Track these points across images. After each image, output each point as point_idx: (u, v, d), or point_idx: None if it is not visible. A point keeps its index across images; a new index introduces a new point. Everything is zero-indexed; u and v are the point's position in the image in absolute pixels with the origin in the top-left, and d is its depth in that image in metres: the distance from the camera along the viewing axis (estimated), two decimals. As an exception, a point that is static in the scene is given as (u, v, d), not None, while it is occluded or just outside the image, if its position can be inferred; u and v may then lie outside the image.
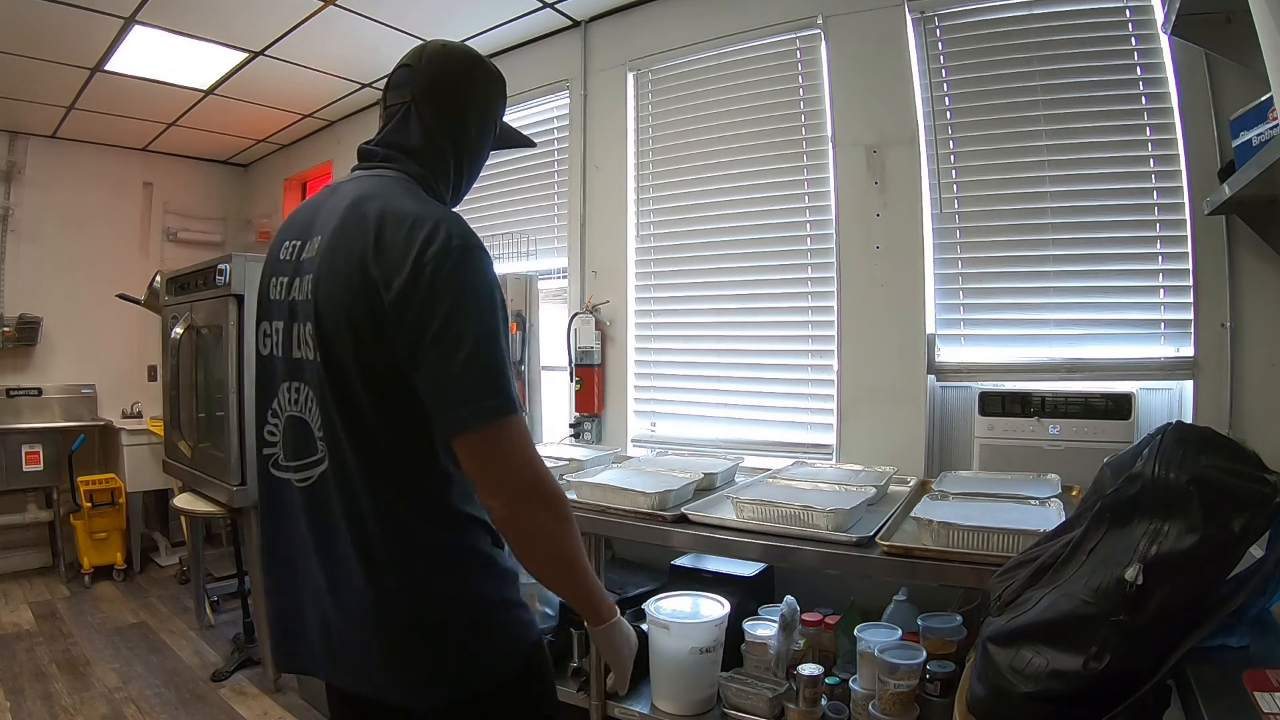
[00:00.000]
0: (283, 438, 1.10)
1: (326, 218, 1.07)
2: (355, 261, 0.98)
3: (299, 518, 1.08)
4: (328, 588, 1.04)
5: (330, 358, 1.01)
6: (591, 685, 2.13)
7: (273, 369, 1.11)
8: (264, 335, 1.12)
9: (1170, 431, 1.05)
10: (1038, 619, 1.03)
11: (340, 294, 0.99)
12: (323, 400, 1.03)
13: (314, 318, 1.02)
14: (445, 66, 1.17)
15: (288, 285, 1.08)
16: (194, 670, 3.00)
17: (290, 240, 1.12)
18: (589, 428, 3.21)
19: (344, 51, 3.64)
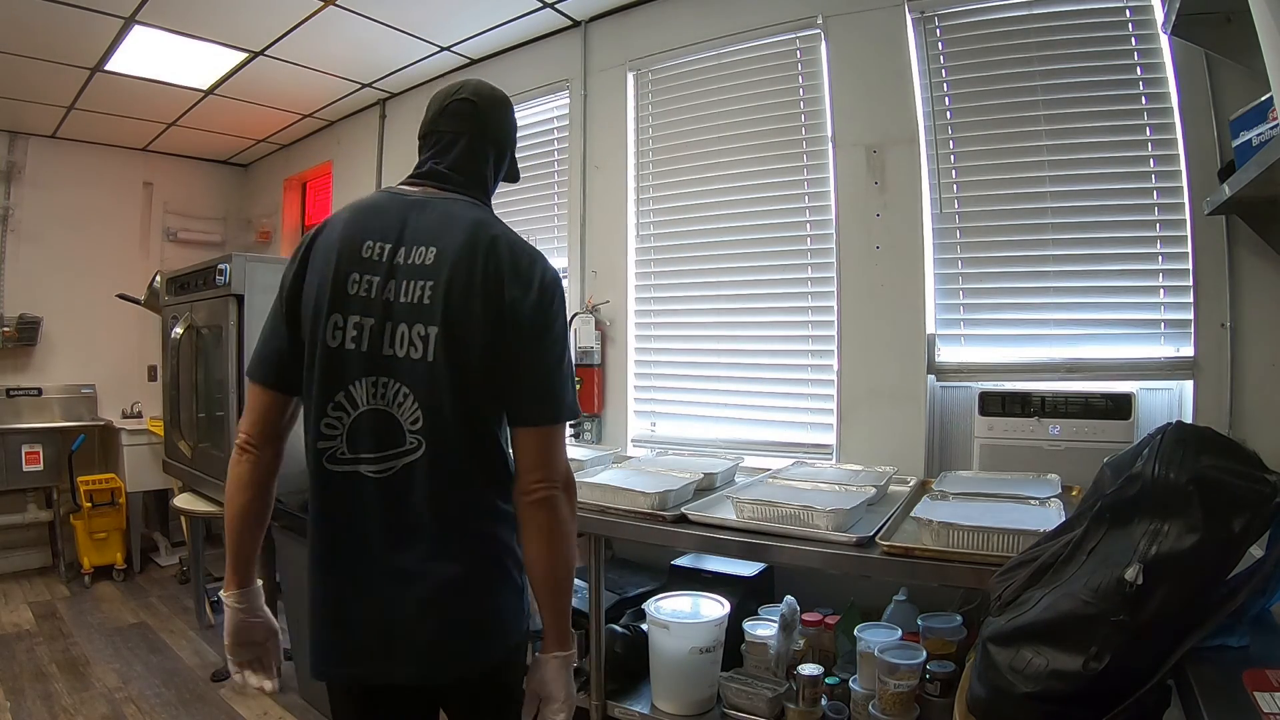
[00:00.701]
0: (348, 431, 1.13)
1: (431, 230, 1.16)
2: (494, 281, 1.13)
3: (368, 510, 1.12)
4: (399, 576, 1.11)
5: (455, 358, 1.11)
6: (591, 685, 2.13)
7: (343, 363, 1.13)
8: (334, 328, 1.13)
9: (1170, 431, 1.05)
10: (1038, 619, 1.03)
11: (478, 306, 1.12)
12: (430, 395, 1.11)
13: (440, 322, 1.11)
14: (500, 109, 1.39)
15: (380, 285, 1.14)
16: (194, 670, 3.00)
17: (374, 241, 1.16)
18: (589, 428, 3.21)
19: (344, 51, 3.64)
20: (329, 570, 1.16)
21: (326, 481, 1.15)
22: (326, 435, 1.14)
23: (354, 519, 1.13)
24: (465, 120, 1.28)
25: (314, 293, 1.16)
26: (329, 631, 1.16)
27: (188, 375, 3.05)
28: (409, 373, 1.11)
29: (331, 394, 1.13)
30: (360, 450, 1.13)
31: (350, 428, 1.13)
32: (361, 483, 1.12)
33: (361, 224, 1.19)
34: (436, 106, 1.31)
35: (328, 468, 1.14)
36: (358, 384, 1.13)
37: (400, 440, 1.12)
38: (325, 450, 1.14)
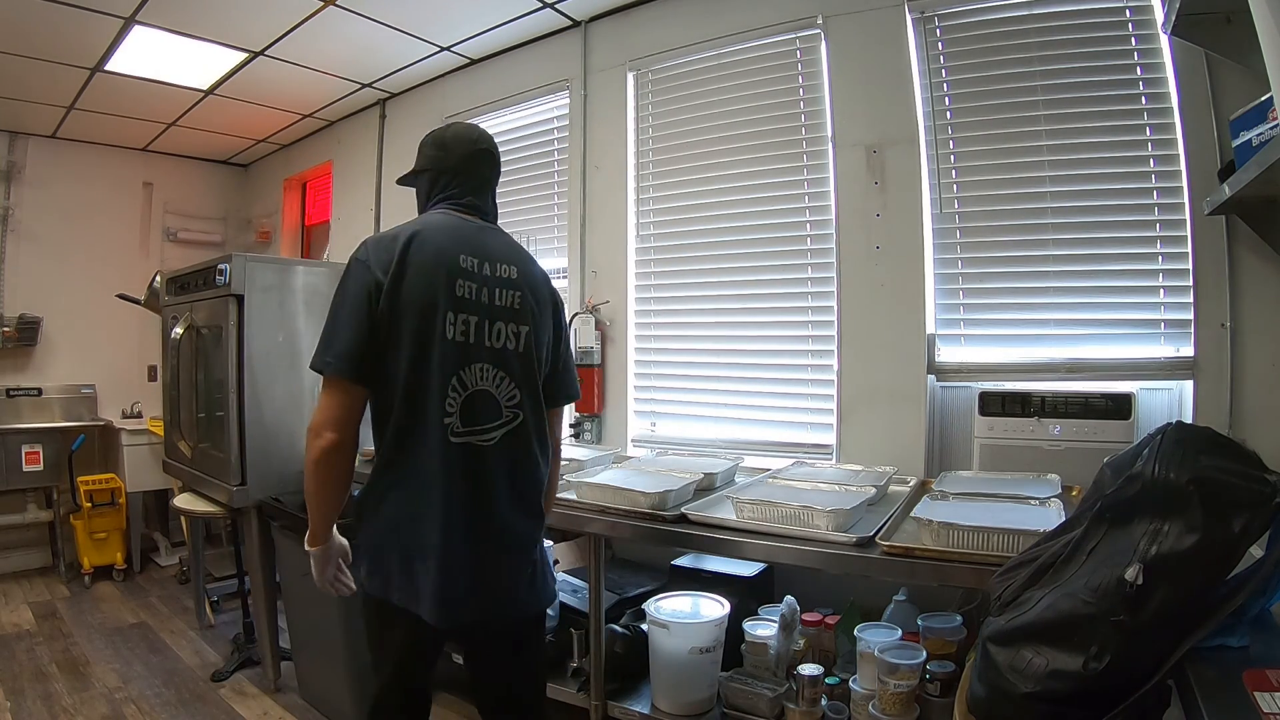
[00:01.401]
0: (461, 408, 1.37)
1: (504, 251, 1.51)
2: (548, 292, 1.57)
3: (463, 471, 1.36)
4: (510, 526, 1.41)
5: (531, 349, 1.47)
6: (591, 685, 2.13)
7: (459, 352, 1.39)
8: (449, 324, 1.38)
9: (1170, 431, 1.05)
10: (1038, 619, 1.03)
11: (543, 312, 1.53)
12: (520, 378, 1.45)
13: (526, 321, 1.47)
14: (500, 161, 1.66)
15: (478, 289, 1.42)
16: (194, 670, 3.00)
17: (467, 255, 1.44)
18: (589, 428, 3.21)
19: (344, 51, 3.64)
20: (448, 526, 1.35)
21: (442, 450, 1.36)
22: (448, 412, 1.36)
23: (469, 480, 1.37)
24: (490, 168, 1.60)
25: (421, 295, 1.36)
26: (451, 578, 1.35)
27: (188, 375, 3.05)
28: (507, 360, 1.44)
29: (448, 377, 1.37)
30: (467, 424, 1.38)
31: (463, 405, 1.38)
32: (472, 450, 1.38)
33: (452, 241, 1.43)
34: (465, 150, 1.56)
35: (450, 439, 1.36)
36: (470, 369, 1.39)
37: (498, 414, 1.42)
38: (447, 424, 1.36)
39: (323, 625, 2.51)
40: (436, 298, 1.36)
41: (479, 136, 1.59)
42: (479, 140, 1.58)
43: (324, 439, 1.32)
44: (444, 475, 1.35)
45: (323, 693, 2.61)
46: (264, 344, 2.78)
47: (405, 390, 1.35)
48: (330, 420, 1.33)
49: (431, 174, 1.55)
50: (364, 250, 1.41)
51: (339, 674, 2.48)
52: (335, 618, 2.43)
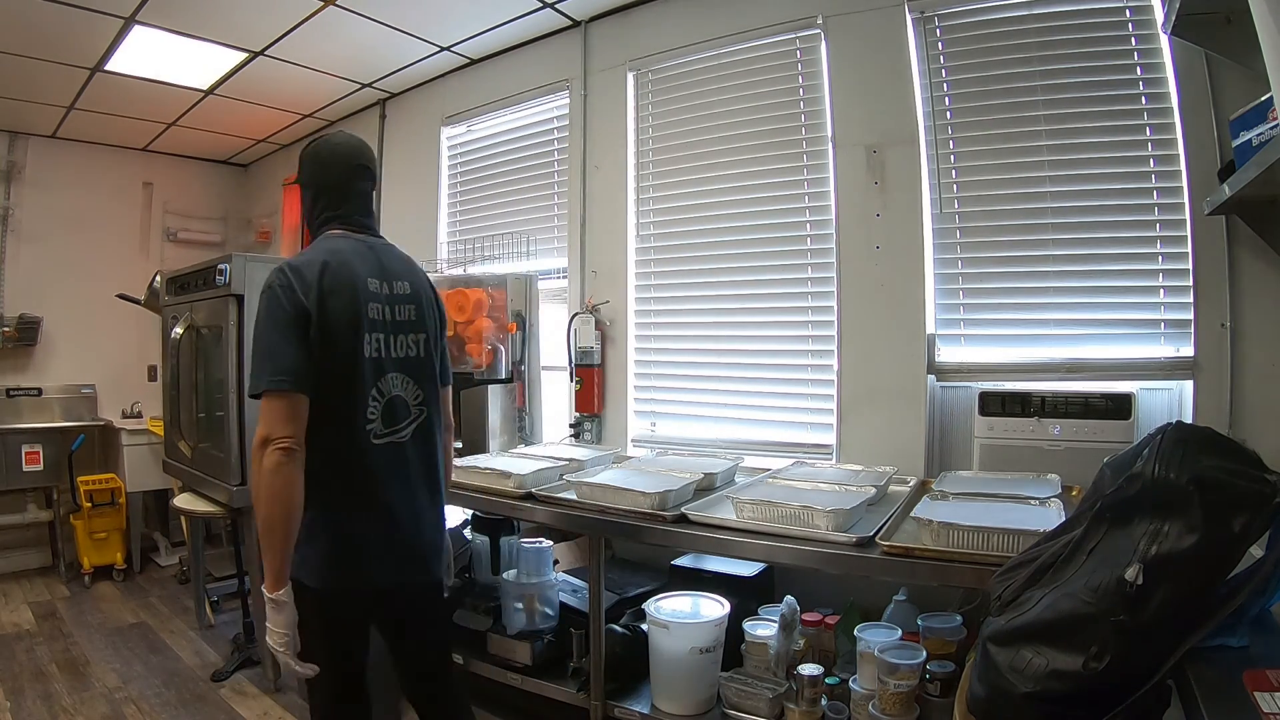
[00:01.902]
0: (382, 414, 1.57)
1: (398, 268, 1.68)
2: (434, 296, 1.76)
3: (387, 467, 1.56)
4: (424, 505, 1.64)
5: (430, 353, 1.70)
6: (591, 685, 2.13)
7: (376, 367, 1.57)
8: (366, 344, 1.55)
9: (1170, 431, 1.05)
10: (1038, 619, 1.03)
11: (432, 317, 1.73)
12: (422, 379, 1.66)
13: (422, 330, 1.68)
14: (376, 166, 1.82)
15: (382, 309, 1.60)
16: (194, 670, 3.00)
17: (372, 279, 1.60)
18: (589, 428, 3.21)
19: (344, 51, 3.64)
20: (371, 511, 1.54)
21: (369, 450, 1.54)
22: (370, 419, 1.55)
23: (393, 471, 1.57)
24: (369, 181, 1.74)
25: (342, 320, 1.52)
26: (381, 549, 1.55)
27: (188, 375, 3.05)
28: (410, 367, 1.64)
29: (368, 388, 1.55)
30: (386, 425, 1.57)
31: (383, 411, 1.57)
32: (389, 448, 1.57)
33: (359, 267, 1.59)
34: (343, 168, 1.68)
35: (373, 442, 1.55)
36: (387, 379, 1.59)
37: (407, 414, 1.62)
38: (370, 429, 1.55)
39: (323, 625, 2.50)
40: (356, 321, 1.53)
41: (355, 151, 1.69)
42: (355, 155, 1.68)
43: (281, 443, 1.39)
44: (373, 471, 1.55)
45: (323, 693, 2.60)
46: (264, 344, 2.78)
47: (334, 403, 1.50)
48: (283, 427, 1.40)
49: (313, 191, 1.68)
50: (284, 277, 1.49)
51: (339, 674, 2.47)
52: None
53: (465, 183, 3.94)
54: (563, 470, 2.45)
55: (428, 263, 3.78)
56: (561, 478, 2.39)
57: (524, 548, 2.43)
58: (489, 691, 2.64)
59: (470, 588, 2.75)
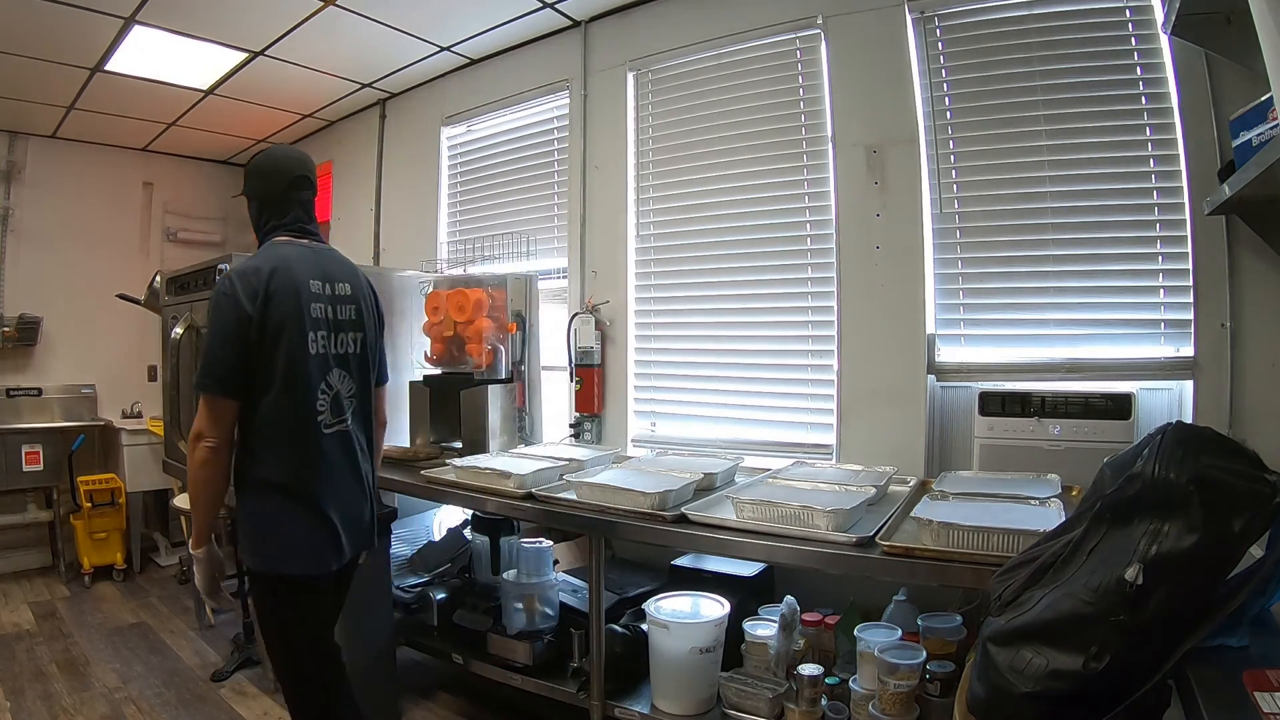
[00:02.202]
0: (330, 406, 1.72)
1: (339, 271, 1.84)
2: (373, 300, 1.91)
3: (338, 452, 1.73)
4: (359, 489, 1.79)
5: (366, 351, 1.84)
6: (591, 685, 2.13)
7: (322, 362, 1.72)
8: (311, 341, 1.69)
9: (1170, 431, 1.05)
10: (1038, 619, 1.03)
11: (371, 317, 1.89)
12: (357, 374, 1.81)
13: (361, 329, 1.84)
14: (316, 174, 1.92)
15: (326, 309, 1.74)
16: (194, 670, 3.00)
17: (315, 280, 1.75)
18: (589, 428, 3.21)
19: (344, 51, 3.64)
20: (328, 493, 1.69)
21: (320, 439, 1.70)
22: (319, 410, 1.70)
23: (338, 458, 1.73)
24: (309, 190, 1.87)
25: (288, 320, 1.65)
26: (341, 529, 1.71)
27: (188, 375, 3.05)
28: (349, 363, 1.79)
29: (318, 383, 1.70)
30: (337, 416, 1.74)
31: (330, 403, 1.73)
32: (334, 437, 1.72)
33: (302, 270, 1.72)
34: (287, 180, 1.82)
35: (323, 431, 1.70)
36: (330, 374, 1.73)
37: (345, 408, 1.77)
38: (320, 419, 1.70)
39: (323, 625, 2.51)
40: (300, 321, 1.67)
41: (295, 163, 1.85)
42: (295, 168, 1.83)
43: (209, 442, 1.59)
44: (324, 459, 1.70)
45: (323, 693, 2.60)
46: (264, 344, 2.78)
47: (283, 397, 1.64)
48: (212, 429, 1.59)
49: (259, 202, 1.84)
50: (231, 285, 1.62)
51: (339, 674, 2.47)
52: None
53: (465, 183, 3.94)
54: (563, 470, 2.45)
55: (427, 263, 3.79)
56: (561, 478, 2.39)
57: (524, 548, 2.43)
58: (489, 691, 2.64)
59: (470, 588, 2.75)
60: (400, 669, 2.65)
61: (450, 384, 3.07)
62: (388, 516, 2.50)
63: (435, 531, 3.32)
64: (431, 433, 3.13)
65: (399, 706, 2.60)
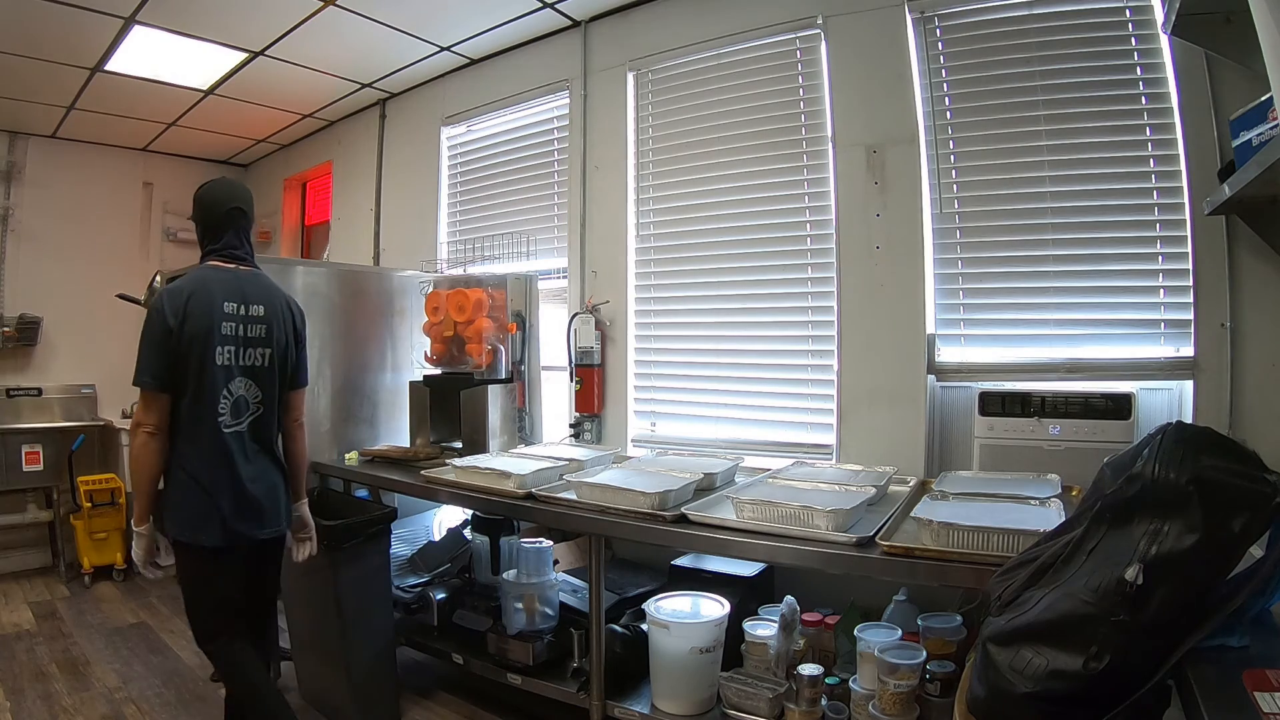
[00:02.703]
0: (230, 409, 2.00)
1: (255, 294, 2.07)
2: (289, 319, 2.15)
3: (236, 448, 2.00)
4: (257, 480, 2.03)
5: (274, 364, 2.09)
6: (591, 685, 2.13)
7: (226, 372, 1.99)
8: (219, 353, 1.97)
9: (1170, 431, 1.05)
10: (1038, 619, 1.03)
11: (285, 334, 2.12)
12: (264, 384, 2.07)
13: (270, 345, 2.08)
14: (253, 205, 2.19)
15: (236, 326, 2.01)
16: (194, 670, 3.00)
17: (229, 302, 2.00)
18: (589, 428, 3.21)
19: (344, 51, 3.64)
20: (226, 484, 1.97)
21: (221, 436, 1.98)
22: (220, 413, 1.97)
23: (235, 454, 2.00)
24: (243, 219, 2.13)
25: (199, 335, 1.93)
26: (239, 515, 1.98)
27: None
28: (256, 374, 2.05)
29: (221, 389, 1.97)
30: (236, 418, 2.01)
31: (231, 407, 2.00)
32: (232, 435, 2.00)
33: (220, 292, 1.99)
34: (222, 210, 2.09)
35: (223, 430, 1.98)
36: (234, 383, 2.00)
37: (249, 409, 2.04)
38: (220, 420, 1.98)
39: (323, 625, 2.51)
40: (210, 336, 1.95)
41: (230, 195, 2.12)
42: (231, 199, 2.11)
43: (146, 429, 1.90)
44: (224, 452, 1.98)
45: (323, 693, 2.60)
46: (264, 344, 2.78)
47: (194, 400, 1.94)
48: (148, 418, 1.90)
49: (201, 228, 2.11)
50: (160, 302, 1.94)
51: (339, 674, 2.47)
52: (335, 618, 2.43)
53: (465, 183, 3.94)
54: (563, 470, 2.45)
55: (427, 262, 3.79)
56: (561, 478, 2.39)
57: (524, 548, 2.43)
58: (489, 691, 2.64)
59: (470, 588, 2.75)
60: (400, 669, 2.65)
61: (450, 384, 3.07)
62: (387, 516, 2.52)
63: (435, 531, 3.33)
64: (431, 433, 3.13)
65: (399, 706, 2.60)
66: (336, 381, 3.07)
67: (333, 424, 3.05)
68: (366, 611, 2.46)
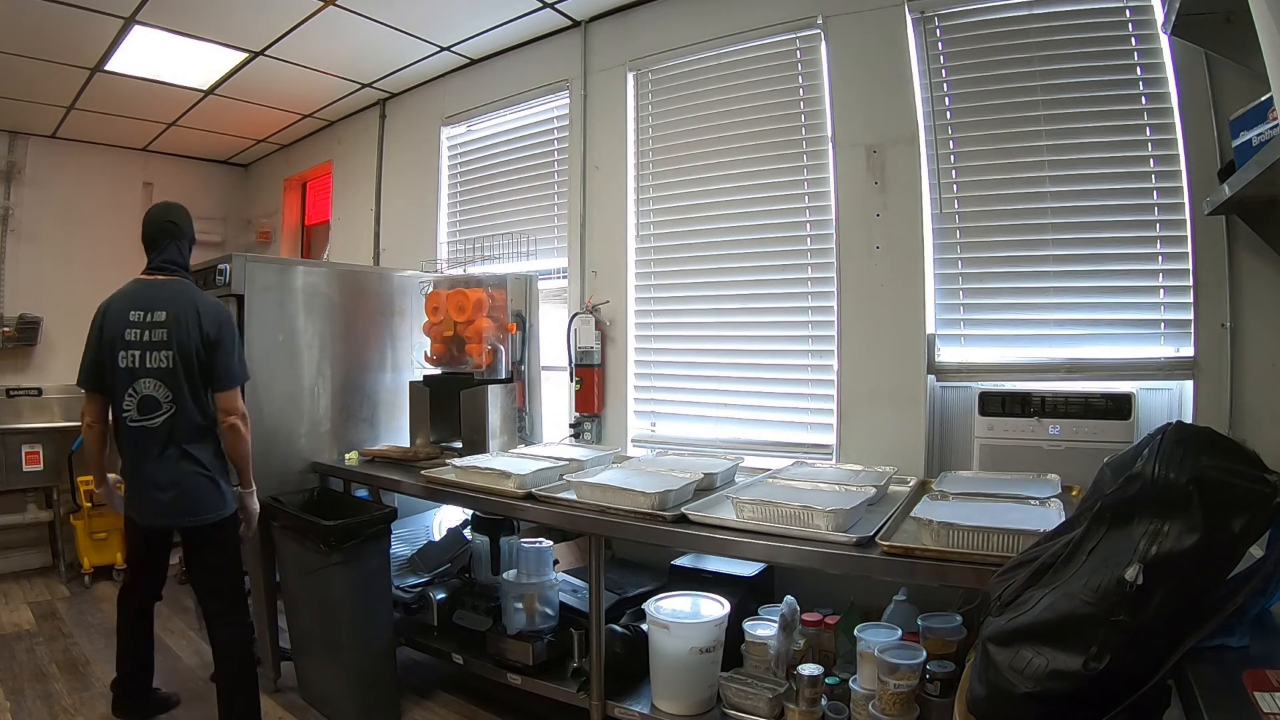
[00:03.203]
0: (136, 406, 2.24)
1: (161, 303, 2.27)
2: (196, 322, 2.27)
3: (147, 443, 2.24)
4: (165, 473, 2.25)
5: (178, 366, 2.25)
6: (591, 685, 2.13)
7: (130, 374, 2.24)
8: (123, 357, 2.23)
9: (1170, 431, 1.04)
10: (1038, 619, 1.03)
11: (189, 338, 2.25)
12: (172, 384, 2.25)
13: (173, 348, 2.24)
14: (184, 218, 2.44)
15: (139, 333, 2.24)
16: (194, 670, 3.00)
17: (136, 310, 2.26)
18: (589, 428, 3.21)
19: (344, 51, 3.64)
20: (137, 473, 2.27)
21: (129, 430, 2.25)
22: (126, 410, 2.24)
23: (145, 447, 2.25)
24: (169, 236, 2.38)
25: (110, 340, 2.24)
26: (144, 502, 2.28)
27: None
28: (163, 375, 2.25)
29: (126, 389, 2.23)
30: (139, 415, 2.24)
31: (137, 405, 2.24)
32: (143, 431, 2.24)
33: (129, 302, 2.27)
34: (153, 228, 2.38)
35: (129, 425, 2.24)
36: (139, 383, 2.24)
37: (159, 408, 2.25)
38: (126, 416, 2.24)
39: (323, 625, 2.51)
40: (116, 342, 2.24)
41: (162, 213, 2.40)
42: (162, 216, 2.40)
43: (86, 420, 2.33)
44: (132, 445, 2.27)
45: (323, 693, 2.60)
46: (264, 344, 2.78)
47: (113, 398, 2.26)
48: (87, 413, 2.32)
49: (143, 244, 2.40)
50: (97, 313, 2.31)
51: (339, 674, 2.48)
52: (335, 618, 2.43)
53: (465, 183, 3.94)
54: (563, 470, 2.45)
55: (427, 262, 3.79)
56: (561, 478, 2.39)
57: (524, 548, 2.43)
58: (489, 691, 2.64)
59: (470, 588, 2.75)
60: (400, 669, 2.65)
61: (450, 384, 3.07)
62: (387, 516, 2.52)
63: (435, 531, 3.33)
64: (431, 433, 3.13)
65: (399, 706, 2.60)
66: (336, 381, 3.07)
67: (333, 424, 3.05)
68: (366, 611, 2.46)
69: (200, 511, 2.29)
